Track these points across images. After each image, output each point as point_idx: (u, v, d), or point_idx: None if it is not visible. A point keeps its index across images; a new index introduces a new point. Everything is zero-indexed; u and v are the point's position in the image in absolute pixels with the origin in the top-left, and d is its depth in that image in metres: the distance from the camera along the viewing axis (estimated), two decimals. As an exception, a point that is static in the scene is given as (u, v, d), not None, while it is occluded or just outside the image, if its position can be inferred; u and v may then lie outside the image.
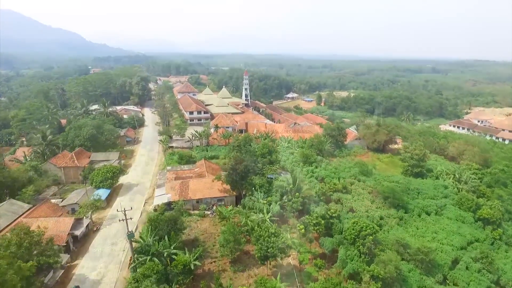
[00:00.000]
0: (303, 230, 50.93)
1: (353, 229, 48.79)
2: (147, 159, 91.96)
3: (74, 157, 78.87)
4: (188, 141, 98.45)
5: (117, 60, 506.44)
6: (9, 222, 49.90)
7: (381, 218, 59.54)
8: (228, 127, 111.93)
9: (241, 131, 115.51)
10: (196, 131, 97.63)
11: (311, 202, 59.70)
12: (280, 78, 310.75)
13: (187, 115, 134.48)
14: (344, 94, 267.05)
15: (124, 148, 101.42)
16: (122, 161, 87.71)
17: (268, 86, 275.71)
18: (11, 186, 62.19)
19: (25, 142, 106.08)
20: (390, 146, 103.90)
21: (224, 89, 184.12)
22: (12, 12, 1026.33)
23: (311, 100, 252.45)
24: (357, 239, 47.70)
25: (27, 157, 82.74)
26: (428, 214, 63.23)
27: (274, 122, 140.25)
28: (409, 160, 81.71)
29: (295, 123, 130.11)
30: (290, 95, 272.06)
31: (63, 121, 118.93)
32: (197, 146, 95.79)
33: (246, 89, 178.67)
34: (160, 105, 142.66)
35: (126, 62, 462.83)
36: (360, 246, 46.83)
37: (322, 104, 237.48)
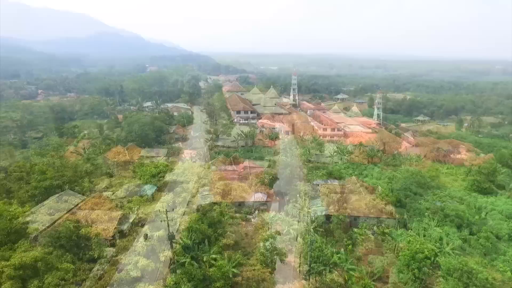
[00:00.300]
0: (350, 246, 46.99)
1: (408, 249, 43.84)
2: (194, 157, 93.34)
3: (126, 152, 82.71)
4: (233, 140, 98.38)
5: (172, 59, 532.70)
6: (65, 212, 53.16)
7: (441, 239, 52.91)
8: (274, 128, 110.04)
9: (287, 133, 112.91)
10: (242, 131, 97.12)
11: (360, 215, 55.26)
12: (330, 79, 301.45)
13: (234, 114, 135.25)
14: (399, 96, 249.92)
15: (172, 145, 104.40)
16: (170, 158, 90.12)
17: (317, 86, 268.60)
18: (69, 177, 66.61)
19: (86, 135, 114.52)
20: (452, 156, 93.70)
21: (271, 89, 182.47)
22: (83, 16, 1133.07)
23: (363, 102, 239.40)
24: (412, 261, 42.67)
25: (86, 149, 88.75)
26: (499, 238, 54.99)
27: (322, 124, 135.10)
28: (476, 174, 72.52)
29: (345, 126, 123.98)
30: (340, 96, 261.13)
31: (120, 117, 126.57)
32: (242, 146, 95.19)
33: (294, 89, 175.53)
34: (208, 103, 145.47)
35: (179, 61, 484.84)
36: (416, 270, 41.75)
37: (375, 106, 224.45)
